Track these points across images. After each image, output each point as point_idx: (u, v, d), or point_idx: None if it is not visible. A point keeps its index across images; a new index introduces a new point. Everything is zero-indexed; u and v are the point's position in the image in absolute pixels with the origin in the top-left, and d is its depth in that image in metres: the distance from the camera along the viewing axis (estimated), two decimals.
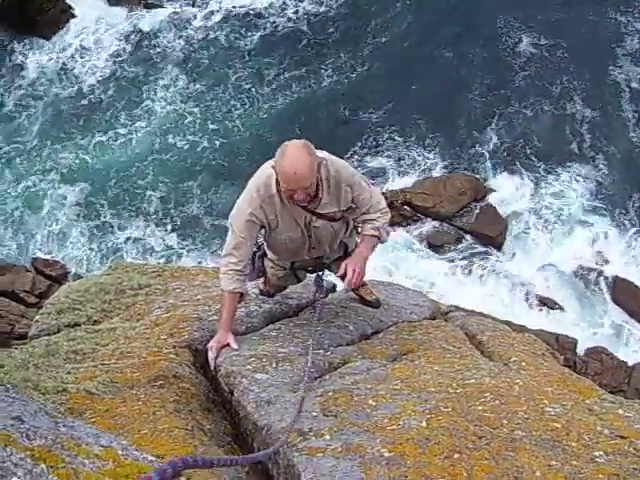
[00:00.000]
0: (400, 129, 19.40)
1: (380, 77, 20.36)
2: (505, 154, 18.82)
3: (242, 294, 4.48)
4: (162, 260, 16.93)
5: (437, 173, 18.49)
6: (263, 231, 4.39)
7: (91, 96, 20.73)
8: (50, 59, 21.59)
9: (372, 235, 4.44)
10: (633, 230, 17.41)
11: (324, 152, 4.29)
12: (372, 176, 18.18)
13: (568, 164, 18.53)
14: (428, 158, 18.85)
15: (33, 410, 1.81)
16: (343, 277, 4.33)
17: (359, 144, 19.17)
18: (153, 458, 1.83)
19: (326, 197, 4.21)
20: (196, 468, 1.96)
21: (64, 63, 21.48)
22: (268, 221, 4.25)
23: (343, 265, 4.33)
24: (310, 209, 4.21)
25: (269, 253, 4.77)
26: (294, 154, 3.91)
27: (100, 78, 21.13)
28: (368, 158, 18.94)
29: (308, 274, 5.05)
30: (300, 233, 4.38)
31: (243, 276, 4.41)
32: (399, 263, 16.79)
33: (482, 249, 17.06)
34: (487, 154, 18.85)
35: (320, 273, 4.90)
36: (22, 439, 1.63)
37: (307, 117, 19.74)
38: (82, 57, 21.64)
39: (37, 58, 21.60)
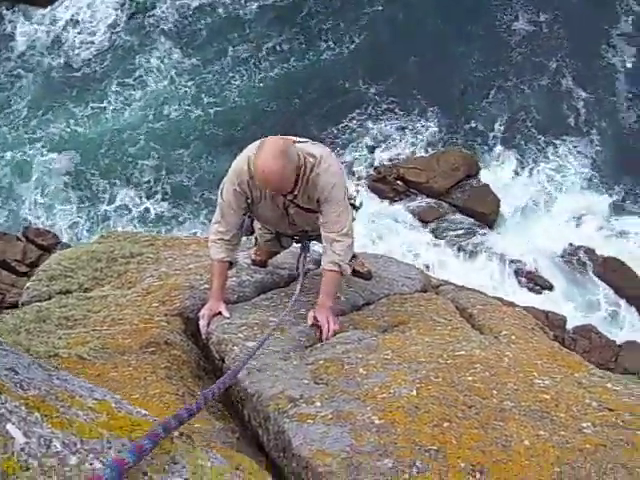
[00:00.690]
0: (396, 102, 19.36)
1: (378, 50, 20.28)
2: (500, 130, 18.82)
3: (231, 263, 4.51)
4: (154, 230, 16.93)
5: (431, 148, 18.48)
6: (249, 201, 4.37)
7: (84, 67, 20.57)
8: (43, 29, 21.37)
9: (331, 270, 4.31)
10: (625, 209, 17.46)
11: (324, 149, 4.26)
12: (366, 147, 18.23)
13: (563, 142, 18.54)
14: (422, 132, 18.83)
15: (27, 363, 1.82)
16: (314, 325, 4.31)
17: (354, 116, 19.14)
18: (146, 412, 1.84)
19: (302, 195, 4.19)
20: (182, 423, 1.96)
21: (57, 33, 21.28)
22: (252, 196, 4.26)
23: (311, 316, 4.30)
24: (288, 199, 4.22)
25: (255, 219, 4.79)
26: (268, 157, 3.81)
27: (94, 49, 20.94)
28: (362, 130, 18.92)
29: (294, 243, 5.07)
30: (279, 214, 4.41)
31: (232, 246, 4.43)
32: (390, 237, 16.82)
33: (474, 226, 17.08)
34: (482, 130, 18.84)
35: (306, 241, 4.92)
36: (16, 389, 1.64)
37: (304, 87, 19.70)
38: (76, 27, 21.42)
39: (30, 28, 21.37)
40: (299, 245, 4.98)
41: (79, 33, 21.24)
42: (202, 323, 4.33)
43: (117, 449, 1.60)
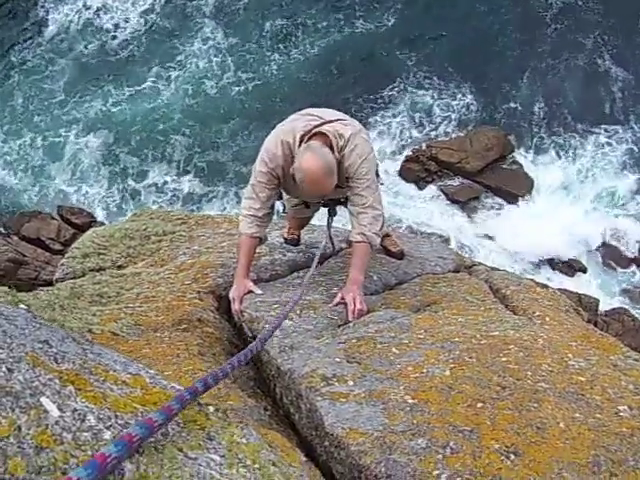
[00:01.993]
0: (430, 79, 19.29)
1: (413, 25, 20.24)
2: (534, 111, 18.60)
3: (261, 239, 4.54)
4: (187, 207, 17.04)
5: (464, 125, 18.34)
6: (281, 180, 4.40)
7: (118, 49, 20.66)
8: (77, 12, 21.40)
9: (359, 242, 4.33)
10: None
11: (353, 128, 4.27)
12: (400, 123, 18.13)
13: (599, 124, 18.27)
14: (456, 110, 18.73)
15: (60, 336, 1.82)
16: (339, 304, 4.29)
17: (389, 91, 19.13)
18: (181, 387, 1.83)
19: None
20: (209, 388, 1.96)
21: (91, 16, 21.36)
22: (285, 178, 4.31)
23: (339, 295, 4.29)
24: None
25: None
26: (315, 172, 3.94)
27: (128, 31, 20.99)
28: (397, 105, 18.84)
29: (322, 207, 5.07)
30: None
31: (263, 222, 4.45)
32: (423, 217, 16.76)
33: (507, 207, 16.98)
34: (516, 109, 18.65)
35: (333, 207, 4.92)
36: (50, 361, 1.64)
37: (340, 62, 19.73)
38: (109, 11, 21.42)
39: (64, 10, 21.40)
40: (327, 209, 4.98)
41: (112, 16, 21.27)
42: (235, 307, 4.33)
43: None
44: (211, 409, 1.79)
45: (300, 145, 4.13)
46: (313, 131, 4.16)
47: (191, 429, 1.64)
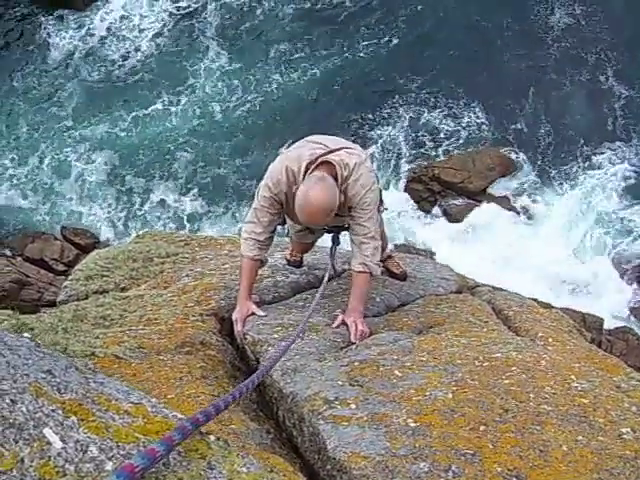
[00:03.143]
0: (432, 99, 19.27)
1: (414, 47, 20.15)
2: (538, 129, 18.58)
3: (262, 262, 4.57)
4: (190, 229, 17.07)
5: (467, 145, 18.33)
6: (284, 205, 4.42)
7: (122, 71, 20.59)
8: (81, 37, 21.44)
9: (360, 272, 4.37)
10: None
11: (358, 157, 4.28)
12: (402, 143, 18.19)
13: (603, 143, 18.23)
14: (458, 129, 18.70)
15: (64, 365, 1.83)
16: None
17: (391, 112, 19.10)
18: (183, 416, 1.84)
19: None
20: (211, 419, 1.97)
21: (96, 41, 21.34)
22: (287, 203, 4.33)
23: (339, 318, 4.35)
24: None
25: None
26: (316, 207, 3.98)
27: (132, 52, 20.97)
28: (399, 126, 18.86)
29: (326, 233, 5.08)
30: None
31: (264, 246, 4.48)
32: (426, 237, 16.76)
33: (510, 226, 16.95)
34: (519, 129, 18.63)
35: (336, 233, 4.94)
36: (53, 392, 1.65)
37: (343, 84, 19.71)
38: (114, 33, 21.47)
39: (70, 33, 21.41)
40: (330, 236, 5.00)
41: (117, 38, 21.31)
42: (238, 329, 4.34)
43: None
44: (212, 438, 1.79)
45: (305, 173, 4.14)
46: (319, 160, 4.17)
47: (192, 458, 1.64)
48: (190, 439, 1.70)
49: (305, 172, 4.15)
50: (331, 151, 4.22)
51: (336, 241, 4.91)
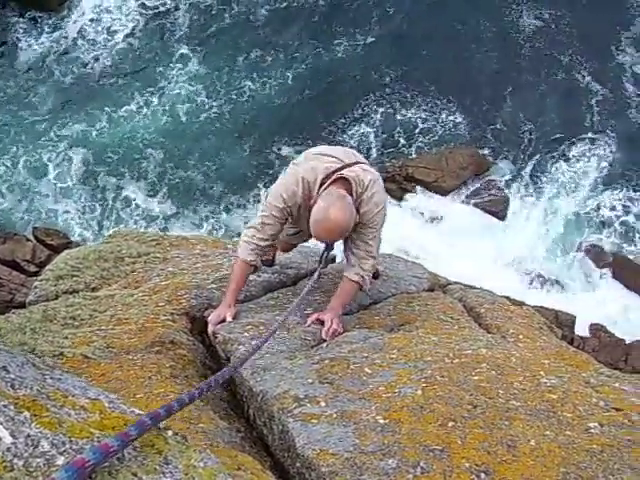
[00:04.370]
0: (406, 99, 19.33)
1: (388, 49, 20.23)
2: (511, 128, 18.71)
3: (256, 268, 4.52)
4: (162, 228, 17.00)
5: (440, 144, 18.40)
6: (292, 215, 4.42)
7: (95, 72, 20.45)
8: (56, 35, 21.22)
9: (353, 281, 4.38)
10: (636, 208, 17.36)
11: (373, 175, 4.27)
12: (375, 142, 18.23)
13: (576, 140, 18.41)
14: (432, 129, 18.78)
15: (20, 362, 1.81)
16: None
17: (365, 111, 19.14)
18: (140, 412, 1.82)
19: None
20: (172, 413, 1.96)
21: (68, 43, 21.17)
22: (298, 213, 4.30)
23: (314, 316, 4.35)
24: None
25: None
26: (334, 225, 3.97)
27: (105, 57, 20.84)
28: (372, 125, 18.89)
29: None
30: None
31: (263, 252, 4.49)
32: (398, 236, 16.78)
33: (483, 224, 17.03)
34: (492, 127, 18.75)
35: None
36: (7, 388, 1.63)
37: (317, 86, 19.69)
38: (88, 32, 21.32)
39: (42, 34, 21.23)
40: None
41: (89, 40, 21.16)
42: (210, 329, 4.31)
43: None
44: (170, 433, 1.78)
45: (320, 187, 4.11)
46: (336, 175, 4.13)
47: (148, 453, 1.63)
48: (147, 434, 1.69)
49: (320, 186, 4.12)
50: (346, 165, 4.20)
51: (329, 248, 4.88)
